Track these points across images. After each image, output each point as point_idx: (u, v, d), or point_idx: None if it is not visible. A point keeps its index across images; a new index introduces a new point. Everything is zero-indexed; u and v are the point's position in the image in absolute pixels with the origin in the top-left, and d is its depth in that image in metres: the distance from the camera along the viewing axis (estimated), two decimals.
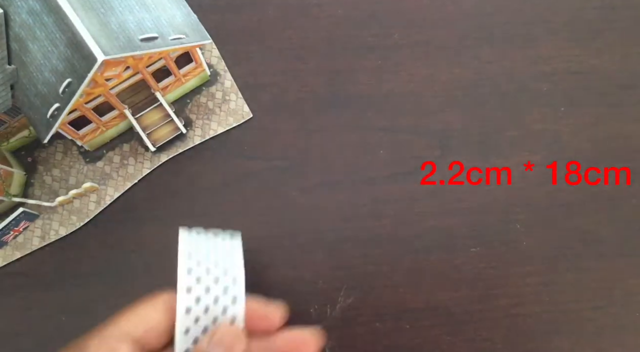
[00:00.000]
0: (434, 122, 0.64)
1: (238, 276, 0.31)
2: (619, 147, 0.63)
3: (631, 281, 0.59)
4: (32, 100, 0.52)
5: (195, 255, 0.31)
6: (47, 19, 0.48)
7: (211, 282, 0.30)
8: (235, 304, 0.30)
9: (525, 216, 0.61)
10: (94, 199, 0.62)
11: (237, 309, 0.30)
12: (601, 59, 0.66)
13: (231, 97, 0.65)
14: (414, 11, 0.67)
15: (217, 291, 0.30)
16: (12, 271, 0.60)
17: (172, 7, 0.55)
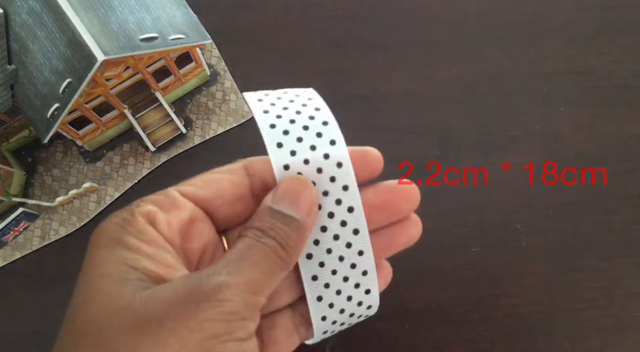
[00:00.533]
0: (434, 122, 0.64)
1: (327, 117, 0.28)
2: (618, 147, 0.63)
3: (631, 281, 0.59)
4: (32, 100, 0.52)
5: (273, 110, 0.28)
6: (47, 19, 0.48)
7: (300, 131, 0.27)
8: (335, 145, 0.27)
9: (525, 216, 0.61)
10: (94, 199, 0.62)
11: (339, 151, 0.27)
12: (601, 59, 0.66)
13: (231, 97, 0.64)
14: (414, 11, 0.67)
15: (310, 138, 0.27)
16: (12, 271, 0.60)
17: (172, 7, 0.55)
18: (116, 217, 0.24)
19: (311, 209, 0.25)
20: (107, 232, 0.24)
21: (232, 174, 0.28)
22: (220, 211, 0.27)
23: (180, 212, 0.25)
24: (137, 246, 0.23)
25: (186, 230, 0.26)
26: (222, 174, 0.28)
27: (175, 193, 0.26)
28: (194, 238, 0.26)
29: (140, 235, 0.23)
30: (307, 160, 0.27)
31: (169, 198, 0.26)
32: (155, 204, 0.25)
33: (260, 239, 0.24)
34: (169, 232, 0.25)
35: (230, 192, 0.27)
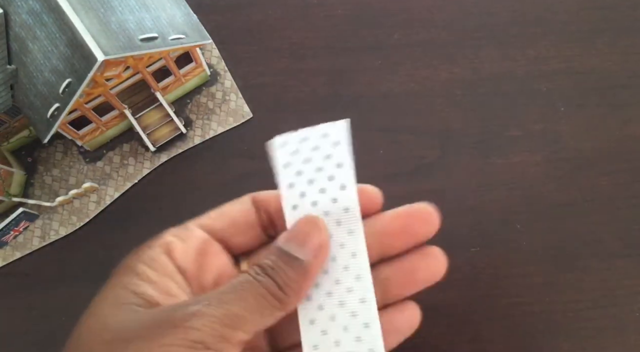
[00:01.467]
0: (434, 122, 0.64)
1: (343, 159, 0.28)
2: (619, 147, 0.63)
3: (631, 281, 0.59)
4: (32, 100, 0.52)
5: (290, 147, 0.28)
6: (47, 19, 0.48)
7: (313, 173, 0.27)
8: (345, 190, 0.27)
9: (525, 216, 0.61)
10: (94, 199, 0.62)
11: (348, 196, 0.27)
12: (601, 59, 0.66)
13: (231, 97, 0.65)
14: (414, 11, 0.67)
15: (321, 180, 0.27)
16: (12, 271, 0.60)
17: (172, 7, 0.55)
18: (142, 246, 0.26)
19: (319, 252, 0.25)
20: (127, 260, 0.26)
21: (241, 204, 0.29)
22: (235, 239, 0.28)
23: (197, 241, 0.27)
24: (145, 273, 0.24)
25: (201, 259, 0.27)
26: (233, 205, 0.29)
27: (193, 226, 0.28)
28: (208, 268, 0.27)
29: (151, 263, 0.25)
30: (315, 202, 0.27)
31: (186, 230, 0.27)
32: (174, 235, 0.27)
33: (257, 276, 0.24)
34: (184, 260, 0.26)
35: (242, 221, 0.29)
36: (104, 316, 0.23)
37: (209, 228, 0.28)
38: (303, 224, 0.26)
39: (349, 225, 0.27)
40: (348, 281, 0.26)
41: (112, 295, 0.24)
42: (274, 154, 0.28)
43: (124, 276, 0.25)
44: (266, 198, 0.29)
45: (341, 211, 0.27)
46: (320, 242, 0.26)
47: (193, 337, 0.22)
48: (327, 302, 0.26)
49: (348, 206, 0.27)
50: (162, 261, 0.25)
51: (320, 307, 0.26)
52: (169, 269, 0.25)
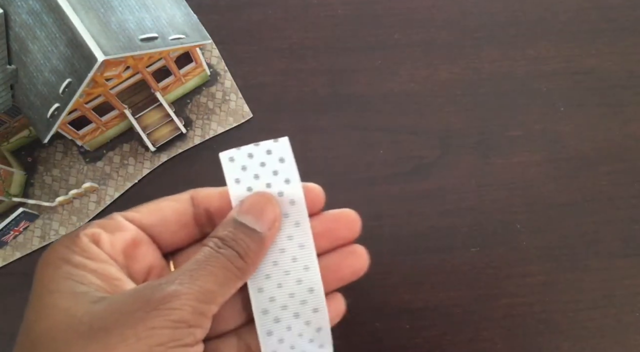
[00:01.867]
0: (434, 122, 0.64)
1: (285, 154, 0.29)
2: (619, 147, 0.63)
3: (631, 281, 0.59)
4: (32, 100, 0.52)
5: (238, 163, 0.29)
6: (47, 19, 0.48)
7: (258, 168, 0.28)
8: (290, 183, 0.28)
9: (525, 216, 0.61)
10: (94, 199, 0.62)
11: (293, 190, 0.28)
12: (601, 59, 0.66)
13: (231, 97, 0.65)
14: (414, 11, 0.67)
15: (266, 175, 0.28)
16: (12, 271, 0.60)
17: (172, 7, 0.55)
18: (63, 238, 0.26)
19: (273, 224, 0.27)
20: (54, 253, 0.26)
21: (177, 202, 0.29)
22: (163, 236, 0.29)
23: (124, 234, 0.27)
24: (82, 263, 0.24)
25: (130, 251, 0.27)
26: (168, 202, 0.29)
27: (120, 217, 0.28)
28: (138, 259, 0.27)
29: (84, 253, 0.25)
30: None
31: (113, 221, 0.27)
32: (100, 226, 0.27)
33: (219, 249, 0.25)
34: (112, 251, 0.26)
35: (173, 220, 0.29)
36: (67, 309, 0.23)
37: (137, 222, 0.28)
38: (257, 198, 0.27)
39: (295, 217, 0.28)
40: (297, 271, 0.28)
41: (62, 287, 0.24)
42: (224, 170, 0.29)
43: (59, 269, 0.24)
44: (208, 196, 0.29)
45: (287, 204, 0.28)
46: (274, 216, 0.27)
47: (176, 318, 0.22)
48: (278, 293, 0.27)
49: (293, 199, 0.28)
50: (94, 250, 0.25)
51: (272, 298, 0.27)
52: (103, 257, 0.25)
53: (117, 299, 0.23)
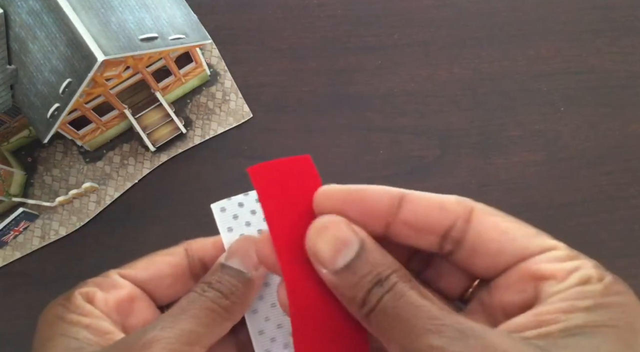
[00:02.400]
0: (434, 122, 0.64)
1: None
2: (618, 147, 0.63)
3: (631, 281, 0.59)
4: (32, 100, 0.52)
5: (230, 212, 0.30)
6: (47, 19, 0.48)
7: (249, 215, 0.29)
8: None
9: (525, 215, 0.61)
10: (94, 199, 0.62)
11: None
12: (601, 59, 0.66)
13: (231, 97, 0.65)
14: (414, 11, 0.67)
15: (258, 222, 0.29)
16: (12, 271, 0.60)
17: (172, 7, 0.55)
18: (59, 298, 0.27)
19: (260, 266, 0.27)
20: (50, 311, 0.26)
21: (172, 256, 0.29)
22: (159, 290, 0.29)
23: (118, 291, 0.27)
24: (76, 320, 0.25)
25: (125, 307, 0.27)
26: (162, 257, 0.29)
27: (115, 275, 0.28)
28: (133, 314, 0.28)
29: (78, 310, 0.26)
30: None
31: (108, 279, 0.28)
32: (95, 284, 0.27)
33: (204, 292, 0.26)
34: (106, 308, 0.27)
35: (168, 273, 0.29)
36: None
37: (132, 279, 0.28)
38: (241, 241, 0.28)
39: None
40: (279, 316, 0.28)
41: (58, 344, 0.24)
42: (216, 220, 0.29)
43: (55, 326, 0.25)
44: (202, 247, 0.30)
45: None
46: None
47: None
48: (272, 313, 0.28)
49: None
50: (87, 308, 0.26)
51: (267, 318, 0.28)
52: (97, 313, 0.26)
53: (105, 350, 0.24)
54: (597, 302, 0.22)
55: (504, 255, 0.25)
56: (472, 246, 0.25)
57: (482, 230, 0.25)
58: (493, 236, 0.25)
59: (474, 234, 0.25)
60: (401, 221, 0.25)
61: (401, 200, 0.26)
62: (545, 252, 0.24)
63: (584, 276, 0.23)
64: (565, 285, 0.23)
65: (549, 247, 0.25)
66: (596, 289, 0.22)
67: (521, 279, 0.24)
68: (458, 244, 0.25)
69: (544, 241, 0.25)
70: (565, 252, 0.24)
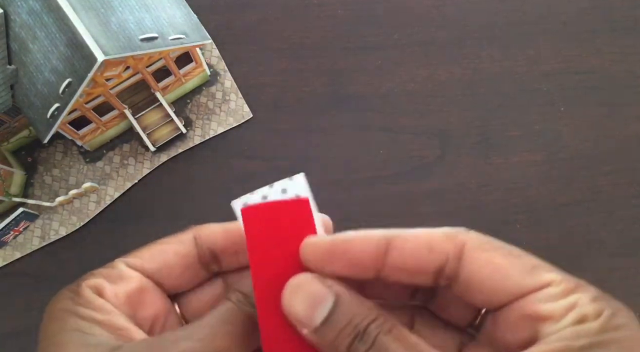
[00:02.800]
0: (434, 122, 0.64)
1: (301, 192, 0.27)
2: (619, 147, 0.63)
3: (631, 281, 0.59)
4: (32, 100, 0.52)
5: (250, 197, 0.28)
6: (47, 19, 0.48)
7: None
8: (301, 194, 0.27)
9: (525, 216, 0.61)
10: (94, 199, 0.62)
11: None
12: (601, 59, 0.66)
13: (231, 97, 0.64)
14: (414, 11, 0.67)
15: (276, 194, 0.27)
16: (12, 271, 0.60)
17: (172, 7, 0.55)
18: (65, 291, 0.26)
19: None
20: (58, 305, 0.25)
21: (180, 244, 0.28)
22: (168, 280, 0.28)
23: (127, 283, 0.26)
24: (89, 315, 0.24)
25: (135, 299, 0.26)
26: (170, 245, 0.28)
27: (122, 265, 0.27)
28: (144, 307, 0.27)
29: (89, 304, 0.24)
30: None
31: (116, 270, 0.27)
32: (103, 276, 0.26)
33: (241, 305, 0.24)
34: (116, 301, 0.25)
35: (177, 263, 0.28)
36: None
37: (140, 269, 0.27)
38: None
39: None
40: None
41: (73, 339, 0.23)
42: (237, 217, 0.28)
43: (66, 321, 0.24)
44: (211, 235, 0.29)
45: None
46: None
47: None
48: None
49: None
50: (99, 302, 0.25)
51: None
52: (109, 308, 0.25)
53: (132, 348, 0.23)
54: (593, 341, 0.21)
55: (498, 293, 0.24)
56: (466, 283, 0.24)
57: (475, 268, 0.24)
58: (486, 275, 0.24)
59: (467, 272, 0.24)
60: (390, 266, 0.25)
61: (387, 246, 0.25)
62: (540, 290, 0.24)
63: (580, 314, 0.22)
64: (561, 325, 0.22)
65: (544, 284, 0.24)
66: (592, 327, 0.22)
67: (520, 318, 0.24)
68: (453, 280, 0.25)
69: (539, 278, 0.24)
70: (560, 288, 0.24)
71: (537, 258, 0.26)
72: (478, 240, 0.26)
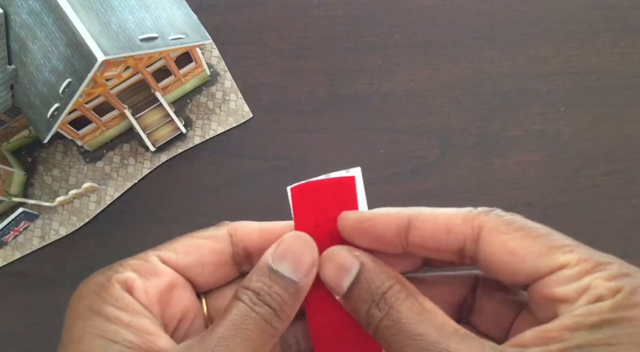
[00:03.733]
0: (434, 122, 0.64)
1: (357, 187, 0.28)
2: (619, 147, 0.63)
3: None
4: (32, 100, 0.52)
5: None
6: (47, 19, 0.48)
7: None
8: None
9: (525, 215, 0.61)
10: (94, 199, 0.62)
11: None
12: (601, 59, 0.66)
13: (231, 97, 0.64)
14: (414, 11, 0.67)
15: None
16: (12, 271, 0.60)
17: (172, 7, 0.55)
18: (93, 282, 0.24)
19: (311, 270, 0.25)
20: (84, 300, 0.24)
21: (215, 241, 0.27)
22: (200, 278, 0.27)
23: (159, 279, 0.25)
24: (115, 315, 0.23)
25: (165, 296, 0.26)
26: (205, 240, 0.27)
27: (155, 259, 0.26)
28: (173, 304, 0.26)
29: (117, 303, 0.23)
30: None
31: (148, 264, 0.26)
32: (134, 269, 0.25)
33: (255, 306, 0.24)
34: (146, 300, 0.25)
35: (211, 260, 0.27)
36: None
37: (174, 265, 0.26)
38: (293, 242, 0.26)
39: None
40: None
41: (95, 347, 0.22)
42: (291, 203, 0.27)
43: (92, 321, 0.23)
44: (248, 234, 0.28)
45: None
46: (312, 261, 0.25)
47: None
48: None
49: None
50: (127, 300, 0.24)
51: None
52: (137, 307, 0.24)
53: None
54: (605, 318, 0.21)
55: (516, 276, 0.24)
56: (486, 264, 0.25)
57: (491, 252, 0.24)
58: (501, 259, 0.24)
59: (485, 255, 0.25)
60: (412, 244, 0.26)
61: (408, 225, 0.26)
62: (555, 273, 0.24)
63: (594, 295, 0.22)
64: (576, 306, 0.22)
65: (558, 267, 0.24)
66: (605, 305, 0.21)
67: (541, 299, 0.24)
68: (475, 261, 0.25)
69: (554, 260, 0.24)
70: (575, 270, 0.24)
71: (560, 236, 0.26)
72: (496, 222, 0.26)
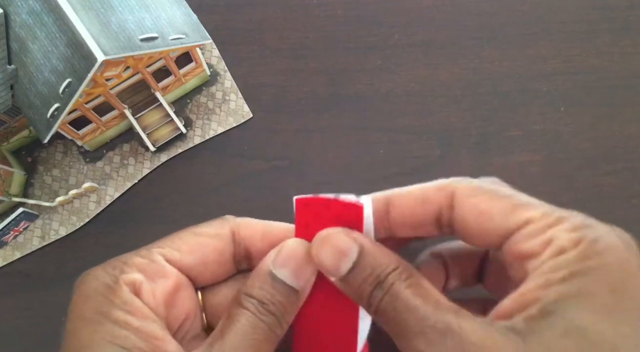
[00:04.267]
0: (434, 122, 0.64)
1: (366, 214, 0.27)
2: (619, 147, 0.63)
3: None
4: (32, 100, 0.52)
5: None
6: (47, 19, 0.48)
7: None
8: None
9: None
10: (94, 199, 0.62)
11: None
12: (601, 59, 0.66)
13: (231, 97, 0.65)
14: (414, 11, 0.67)
15: None
16: (12, 271, 0.60)
17: (172, 7, 0.55)
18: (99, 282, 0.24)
19: (311, 278, 0.26)
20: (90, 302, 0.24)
21: (218, 240, 0.28)
22: (202, 276, 0.28)
23: (166, 281, 0.26)
24: (124, 320, 0.23)
25: (170, 298, 0.26)
26: (209, 239, 0.28)
27: (160, 258, 0.26)
28: (178, 306, 0.26)
29: (126, 306, 0.23)
30: None
31: (154, 264, 0.26)
32: (140, 270, 0.25)
33: (261, 315, 0.24)
34: (154, 302, 0.25)
35: (214, 260, 0.28)
36: None
37: (178, 264, 0.27)
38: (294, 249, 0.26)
39: None
40: None
41: None
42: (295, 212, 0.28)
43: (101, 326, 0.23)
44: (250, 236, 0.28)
45: None
46: (312, 270, 0.26)
47: None
48: None
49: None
50: (136, 304, 0.24)
51: None
52: (146, 312, 0.24)
53: None
54: (572, 270, 0.21)
55: (488, 236, 0.25)
56: (461, 229, 0.26)
57: (464, 215, 0.26)
58: (473, 219, 0.25)
59: (459, 219, 0.26)
60: (393, 223, 0.26)
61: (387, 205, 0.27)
62: (521, 229, 0.24)
63: (557, 246, 0.22)
64: (541, 260, 0.23)
65: (524, 222, 0.25)
66: (569, 257, 0.22)
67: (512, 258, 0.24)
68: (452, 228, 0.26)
69: (519, 215, 0.25)
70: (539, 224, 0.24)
71: (525, 196, 0.27)
72: (467, 187, 0.27)
